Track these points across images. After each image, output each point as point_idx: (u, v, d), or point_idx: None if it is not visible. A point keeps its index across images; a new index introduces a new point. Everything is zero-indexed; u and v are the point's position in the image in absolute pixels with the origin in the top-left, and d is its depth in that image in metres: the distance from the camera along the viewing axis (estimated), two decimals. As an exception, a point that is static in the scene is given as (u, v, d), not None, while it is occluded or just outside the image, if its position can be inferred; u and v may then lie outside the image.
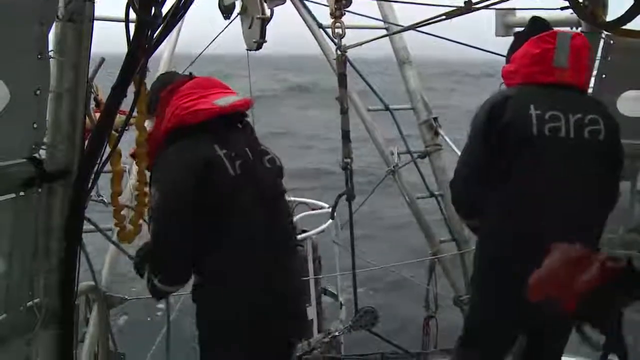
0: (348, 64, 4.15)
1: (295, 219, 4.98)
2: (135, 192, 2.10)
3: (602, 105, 2.75)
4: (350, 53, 4.12)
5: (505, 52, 3.13)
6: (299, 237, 4.47)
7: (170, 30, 1.55)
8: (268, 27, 3.80)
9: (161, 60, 4.54)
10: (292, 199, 5.08)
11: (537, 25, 2.88)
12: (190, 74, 2.88)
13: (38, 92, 1.55)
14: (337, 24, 3.96)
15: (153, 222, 2.45)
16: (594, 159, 2.64)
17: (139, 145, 1.95)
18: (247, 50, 3.77)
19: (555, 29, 2.93)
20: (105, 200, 3.26)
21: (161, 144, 2.58)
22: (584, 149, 2.68)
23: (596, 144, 2.66)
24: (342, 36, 3.97)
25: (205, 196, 2.47)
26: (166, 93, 2.60)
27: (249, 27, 3.58)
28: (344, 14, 3.99)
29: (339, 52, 3.97)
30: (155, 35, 1.48)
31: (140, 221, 2.34)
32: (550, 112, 2.64)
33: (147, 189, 2.07)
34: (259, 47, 3.62)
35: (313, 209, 5.28)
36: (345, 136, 4.07)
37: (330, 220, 4.63)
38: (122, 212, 2.20)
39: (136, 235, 2.21)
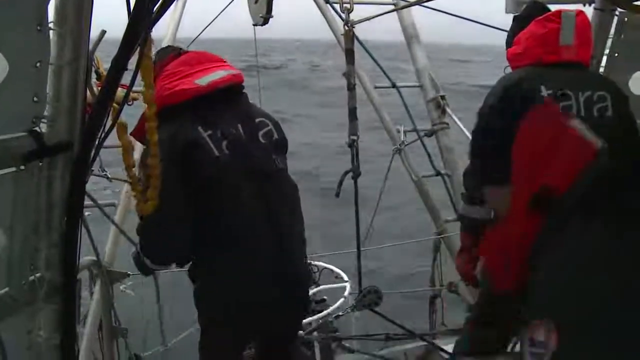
0: (356, 41, 4.09)
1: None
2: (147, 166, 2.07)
3: (608, 81, 2.76)
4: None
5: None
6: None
7: (172, 3, 1.52)
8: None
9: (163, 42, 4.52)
10: (317, 263, 5.10)
11: (537, 7, 2.87)
12: (180, 50, 2.81)
13: (38, 64, 1.52)
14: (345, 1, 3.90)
15: None
16: (606, 137, 2.63)
17: (149, 119, 1.93)
18: (254, 25, 3.72)
19: (564, 6, 2.89)
20: (109, 175, 3.27)
21: None
22: (594, 128, 2.66)
23: (606, 120, 2.66)
24: (350, 10, 3.90)
25: (190, 180, 2.43)
26: (156, 72, 2.52)
27: (255, 2, 3.53)
28: (353, -13, 3.93)
29: (346, 27, 3.91)
30: (156, 7, 1.44)
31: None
32: (562, 91, 2.64)
33: (158, 162, 2.04)
34: (265, 22, 3.58)
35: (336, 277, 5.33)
36: (352, 113, 4.03)
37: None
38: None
39: (154, 207, 2.16)
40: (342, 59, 3.98)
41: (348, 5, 3.91)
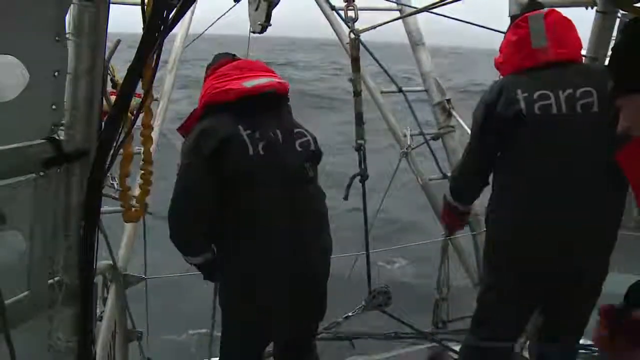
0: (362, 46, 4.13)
1: None
2: (141, 172, 2.13)
3: (596, 75, 2.69)
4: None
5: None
6: None
7: (187, 10, 1.56)
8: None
9: (175, 40, 4.56)
10: None
11: (531, 9, 2.89)
12: (234, 55, 3.02)
13: (56, 74, 1.57)
14: (350, 7, 3.95)
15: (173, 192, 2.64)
16: (591, 132, 2.64)
17: (145, 127, 1.97)
18: (251, 32, 3.77)
19: (566, 9, 2.91)
20: (116, 186, 3.34)
21: (197, 120, 2.78)
22: (578, 124, 2.68)
23: (591, 116, 2.65)
24: (355, 20, 3.96)
25: (221, 169, 2.59)
26: (209, 73, 2.87)
27: (255, 10, 3.58)
28: (357, -4, 3.98)
29: (352, 36, 3.96)
30: (171, 15, 1.49)
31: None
32: (539, 92, 2.68)
33: (152, 169, 2.12)
34: (263, 30, 3.64)
35: None
36: (358, 118, 4.07)
37: None
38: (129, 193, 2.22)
39: (141, 215, 2.23)
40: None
41: (353, 15, 3.97)
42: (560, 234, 2.67)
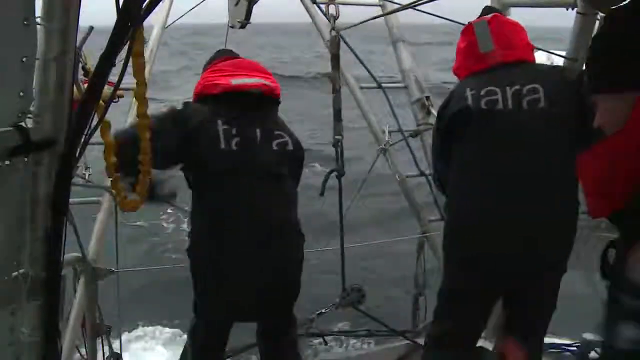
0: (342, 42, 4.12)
1: None
2: (139, 162, 2.09)
3: (544, 73, 2.85)
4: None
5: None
6: None
7: (161, -1, 1.51)
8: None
9: (153, 29, 4.49)
10: None
11: (485, 13, 3.08)
12: (235, 53, 3.17)
13: (24, 59, 1.51)
14: (331, 5, 3.95)
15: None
16: (537, 127, 2.75)
17: (140, 117, 1.93)
18: (230, 27, 3.74)
19: (546, 10, 2.96)
20: (85, 177, 3.33)
21: None
22: (524, 119, 2.79)
23: (538, 112, 2.76)
24: (336, 17, 3.98)
25: (189, 153, 2.69)
26: (207, 67, 3.00)
27: (235, 5, 3.55)
28: (338, -7, 3.98)
29: (333, 33, 3.96)
30: (145, 4, 1.44)
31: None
32: (486, 88, 2.79)
33: (149, 159, 2.08)
34: (242, 26, 3.63)
35: None
36: (337, 114, 4.07)
37: None
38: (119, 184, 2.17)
39: (142, 204, 2.19)
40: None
41: (334, 12, 3.97)
42: (510, 226, 2.74)
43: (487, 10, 3.09)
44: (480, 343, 3.73)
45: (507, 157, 2.72)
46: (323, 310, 4.44)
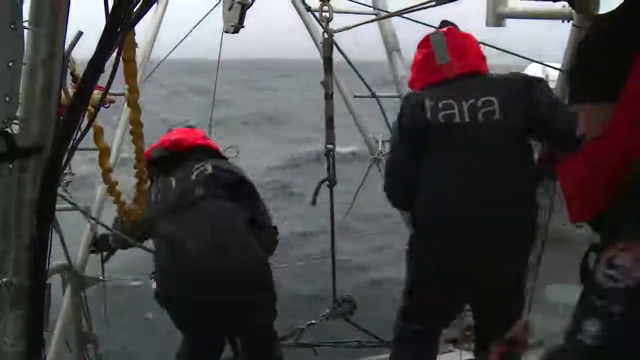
0: (335, 48, 4.09)
1: None
2: (135, 170, 2.08)
3: (498, 85, 2.89)
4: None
5: (494, 44, 3.21)
6: None
7: (151, 5, 1.49)
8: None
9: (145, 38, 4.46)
10: None
11: (443, 26, 3.16)
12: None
13: (11, 64, 1.48)
14: (325, 7, 3.92)
15: None
16: (496, 139, 2.85)
17: (134, 124, 1.90)
18: (224, 32, 3.72)
19: (541, 22, 2.96)
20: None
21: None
22: (480, 132, 2.86)
23: (493, 124, 2.84)
24: (329, 20, 3.94)
25: None
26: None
27: (229, 9, 3.53)
28: (333, -3, 3.96)
29: (325, 35, 3.93)
30: (136, 7, 1.41)
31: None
32: (443, 101, 2.85)
33: (144, 167, 2.08)
34: (235, 31, 3.60)
35: None
36: (329, 122, 4.03)
37: None
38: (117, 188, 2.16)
39: (142, 214, 2.19)
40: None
41: (327, 15, 3.93)
42: (468, 231, 2.83)
43: (444, 23, 3.19)
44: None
45: (464, 167, 2.82)
46: (313, 321, 4.40)
